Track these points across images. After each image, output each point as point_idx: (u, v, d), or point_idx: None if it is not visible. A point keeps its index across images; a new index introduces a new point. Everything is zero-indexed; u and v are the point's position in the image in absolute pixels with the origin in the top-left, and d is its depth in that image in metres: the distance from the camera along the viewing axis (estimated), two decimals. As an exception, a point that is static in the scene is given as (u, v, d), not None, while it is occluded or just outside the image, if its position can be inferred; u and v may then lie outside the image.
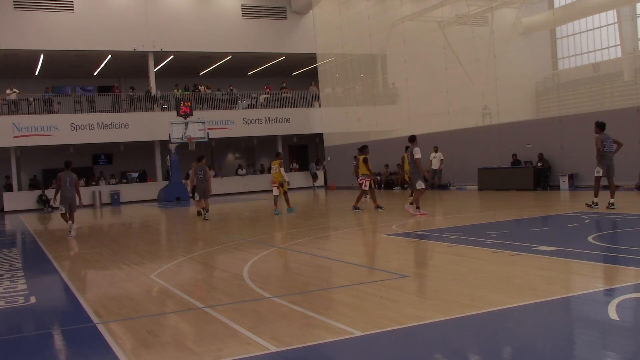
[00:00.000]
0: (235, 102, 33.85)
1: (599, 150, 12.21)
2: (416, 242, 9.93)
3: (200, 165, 17.10)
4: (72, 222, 14.35)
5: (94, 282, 8.54)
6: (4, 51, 28.79)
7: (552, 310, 5.28)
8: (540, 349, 4.31)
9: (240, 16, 33.19)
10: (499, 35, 28.08)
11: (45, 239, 14.90)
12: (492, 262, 7.63)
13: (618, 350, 4.19)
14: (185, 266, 9.32)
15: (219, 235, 13.24)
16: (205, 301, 6.50)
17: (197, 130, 28.86)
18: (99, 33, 29.78)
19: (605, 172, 12.32)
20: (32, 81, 33.30)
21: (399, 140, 27.96)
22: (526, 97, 32.71)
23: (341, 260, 8.67)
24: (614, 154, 12.35)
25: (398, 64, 29.67)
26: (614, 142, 12.27)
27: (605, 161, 12.25)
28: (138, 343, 5.05)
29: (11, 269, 9.80)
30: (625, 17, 29.59)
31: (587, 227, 10.38)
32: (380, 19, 31.04)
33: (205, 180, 16.99)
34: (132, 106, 31.46)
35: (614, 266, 6.82)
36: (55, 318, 6.56)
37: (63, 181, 14.00)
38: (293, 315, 5.57)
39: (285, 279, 7.74)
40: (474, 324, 4.99)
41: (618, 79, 28.95)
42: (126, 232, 16.47)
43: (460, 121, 24.71)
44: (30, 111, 29.44)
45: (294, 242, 10.95)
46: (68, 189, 14.04)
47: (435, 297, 5.94)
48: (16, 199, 29.87)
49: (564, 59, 34.58)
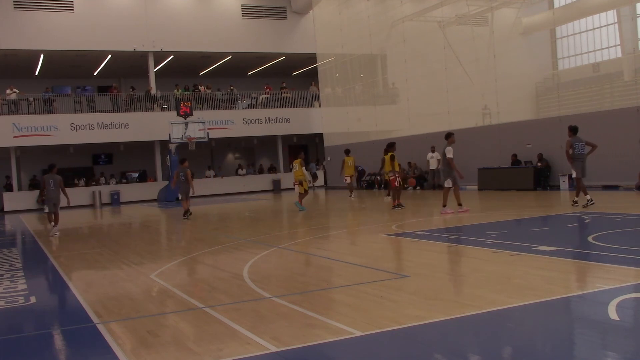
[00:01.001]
0: (235, 102, 33.86)
1: (567, 153, 13.01)
2: (416, 242, 9.92)
3: (182, 168, 17.45)
4: (55, 223, 15.07)
5: (94, 282, 8.53)
6: (4, 51, 28.79)
7: (552, 310, 5.28)
8: (540, 349, 4.31)
9: (240, 16, 33.19)
10: (499, 35, 28.08)
11: (45, 239, 14.89)
12: (492, 262, 7.63)
13: (618, 350, 4.19)
14: (185, 266, 9.32)
15: (219, 235, 13.24)
16: (205, 301, 6.50)
17: (197, 130, 28.87)
18: (99, 33, 29.78)
19: (581, 172, 13.01)
20: (32, 81, 33.29)
21: (399, 140, 27.98)
22: (526, 97, 32.73)
23: (341, 260, 8.67)
24: (586, 155, 13.04)
25: (398, 64, 29.67)
26: (587, 144, 13.01)
27: (578, 163, 12.93)
28: (138, 343, 5.05)
29: (11, 269, 9.80)
30: (625, 17, 29.60)
31: (587, 227, 10.38)
32: (380, 19, 31.03)
33: (186, 182, 17.31)
34: (132, 106, 31.47)
35: (614, 266, 6.82)
36: (55, 318, 6.57)
37: (47, 183, 14.85)
38: (293, 315, 5.57)
39: (285, 279, 7.74)
40: (474, 324, 4.99)
41: (618, 79, 28.96)
42: (126, 232, 16.47)
43: (460, 121, 24.69)
44: (30, 111, 29.44)
45: (294, 242, 10.95)
46: (52, 190, 14.82)
47: (435, 297, 5.94)
48: (16, 199, 29.87)
49: (564, 59, 34.59)
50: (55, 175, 15.03)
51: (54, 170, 15.19)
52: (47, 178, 15.00)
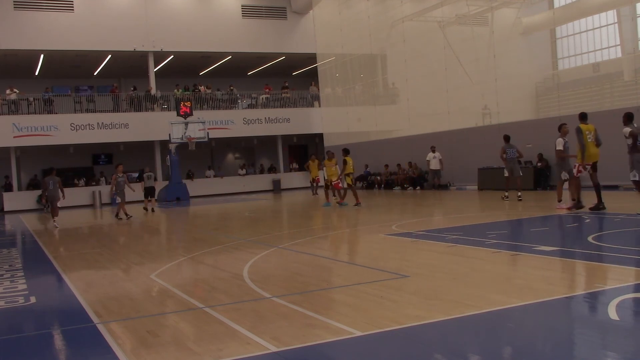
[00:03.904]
0: (235, 102, 33.86)
1: (502, 157, 16.53)
2: (416, 242, 9.92)
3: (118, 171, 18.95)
4: (55, 216, 17.71)
5: (94, 282, 8.53)
6: (4, 51, 28.78)
7: (552, 310, 5.28)
8: (540, 349, 4.31)
9: (240, 16, 33.19)
10: (499, 35, 28.08)
11: (45, 239, 14.90)
12: (492, 262, 7.63)
13: (618, 350, 4.19)
14: (185, 266, 9.32)
15: (219, 235, 13.24)
16: (205, 301, 6.50)
17: (197, 130, 28.86)
18: (99, 33, 29.77)
19: (510, 173, 16.36)
20: (32, 81, 33.28)
21: (399, 140, 28.03)
22: (526, 97, 32.72)
23: (341, 260, 8.67)
24: (516, 159, 16.69)
25: (398, 64, 29.66)
26: (517, 152, 16.60)
27: (508, 165, 16.42)
28: (138, 343, 5.05)
29: (11, 269, 9.80)
30: (625, 17, 29.59)
31: (587, 227, 10.38)
32: (380, 19, 31.03)
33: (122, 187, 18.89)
34: (132, 106, 31.47)
35: (614, 266, 6.82)
36: (55, 318, 6.56)
37: (47, 184, 17.49)
38: (293, 315, 5.57)
39: (285, 279, 7.74)
40: (474, 324, 4.99)
41: (618, 79, 28.94)
42: (126, 232, 16.47)
43: (460, 121, 24.70)
44: (30, 111, 29.44)
45: (294, 242, 10.95)
46: (52, 190, 17.38)
47: (435, 297, 5.94)
48: (16, 199, 29.87)
49: (564, 59, 34.58)
50: (55, 177, 17.58)
51: (53, 173, 17.79)
52: (48, 179, 17.60)
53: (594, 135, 12.31)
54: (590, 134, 12.28)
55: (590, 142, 12.21)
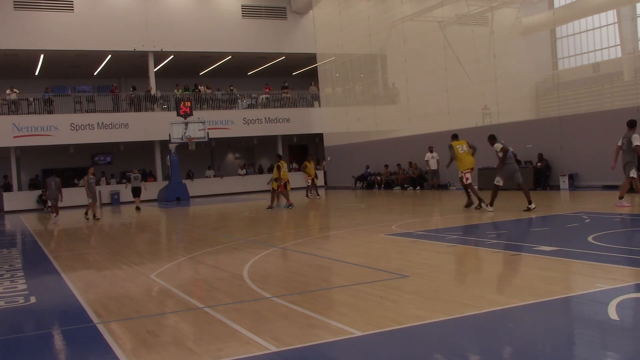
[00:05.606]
0: (235, 102, 33.86)
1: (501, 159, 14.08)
2: (416, 242, 9.92)
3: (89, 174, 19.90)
4: (56, 214, 19.68)
5: (94, 282, 8.53)
6: (4, 51, 28.79)
7: (552, 310, 5.28)
8: (540, 349, 4.31)
9: (240, 16, 33.19)
10: (499, 35, 28.07)
11: (45, 239, 14.90)
12: (492, 262, 7.63)
13: (618, 350, 4.19)
14: (185, 266, 9.32)
15: (219, 235, 13.24)
16: (205, 301, 6.50)
17: (197, 130, 28.88)
18: (99, 33, 29.77)
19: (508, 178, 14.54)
20: (32, 81, 33.30)
21: (399, 140, 28.02)
22: (526, 97, 32.72)
23: (341, 260, 8.67)
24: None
25: (398, 64, 29.66)
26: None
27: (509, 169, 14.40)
28: (138, 343, 5.05)
29: (11, 269, 9.80)
30: (625, 17, 29.59)
31: (587, 227, 10.38)
32: (380, 19, 31.03)
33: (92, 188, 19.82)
34: (132, 106, 31.47)
35: (614, 266, 6.82)
36: (55, 318, 6.56)
37: (49, 184, 19.73)
38: (293, 315, 5.57)
39: (285, 279, 7.74)
40: (474, 324, 4.99)
41: (618, 79, 28.94)
42: (126, 232, 16.47)
43: (460, 121, 24.66)
44: (30, 111, 29.45)
45: (294, 242, 10.95)
46: (53, 190, 19.63)
47: (435, 297, 5.94)
48: (16, 199, 29.89)
49: (564, 59, 34.59)
50: (56, 178, 19.80)
51: (54, 174, 20.05)
52: (49, 180, 19.80)
53: (467, 146, 14.77)
54: (461, 147, 14.71)
55: (462, 152, 14.66)
